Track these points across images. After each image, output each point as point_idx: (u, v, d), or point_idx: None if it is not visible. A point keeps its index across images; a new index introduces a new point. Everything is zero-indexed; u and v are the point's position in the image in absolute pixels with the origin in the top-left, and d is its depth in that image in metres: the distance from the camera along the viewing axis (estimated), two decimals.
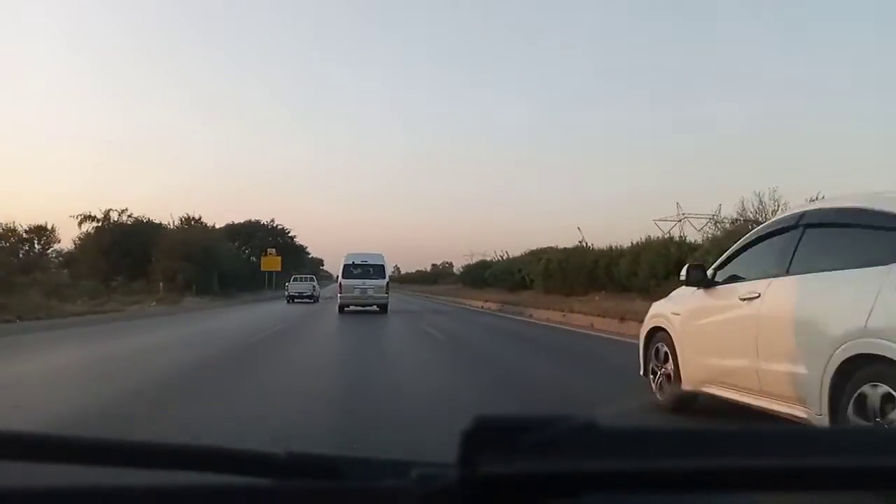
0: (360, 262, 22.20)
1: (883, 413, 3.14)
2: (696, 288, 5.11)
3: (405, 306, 28.25)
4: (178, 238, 41.00)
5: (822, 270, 3.83)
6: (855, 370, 3.33)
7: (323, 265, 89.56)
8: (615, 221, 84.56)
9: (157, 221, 44.08)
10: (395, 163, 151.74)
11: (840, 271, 3.68)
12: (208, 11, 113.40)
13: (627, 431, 0.54)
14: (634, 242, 23.19)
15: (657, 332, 5.58)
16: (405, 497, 0.56)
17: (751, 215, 19.91)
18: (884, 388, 3.15)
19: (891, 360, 3.12)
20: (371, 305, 21.61)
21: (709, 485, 0.56)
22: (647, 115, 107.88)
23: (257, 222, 70.19)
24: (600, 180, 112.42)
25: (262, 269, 55.06)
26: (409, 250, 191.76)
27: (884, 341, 3.17)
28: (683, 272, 5.19)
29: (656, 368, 5.50)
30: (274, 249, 57.19)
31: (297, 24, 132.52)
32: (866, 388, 3.24)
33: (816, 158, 67.07)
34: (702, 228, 24.94)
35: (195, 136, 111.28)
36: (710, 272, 5.02)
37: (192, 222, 48.70)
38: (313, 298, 33.36)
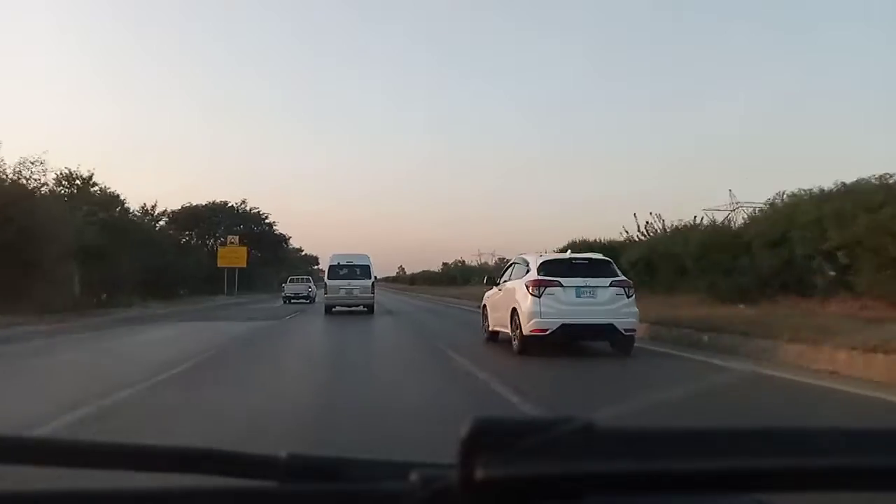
0: (345, 263, 21.99)
1: (518, 321, 9.78)
2: (493, 286, 11.83)
3: None
4: None
5: (513, 280, 10.55)
6: (513, 313, 10.02)
7: (318, 264, 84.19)
8: (616, 217, 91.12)
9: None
10: (396, 164, 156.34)
11: (516, 280, 10.38)
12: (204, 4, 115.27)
13: (626, 432, 0.55)
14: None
15: (484, 306, 12.29)
16: (406, 499, 0.57)
17: None
18: (518, 320, 9.86)
19: (517, 310, 9.80)
20: (357, 306, 21.53)
21: (709, 485, 0.56)
22: (648, 114, 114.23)
23: (224, 204, 55.43)
24: (604, 179, 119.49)
25: (220, 264, 42.63)
26: (413, 251, 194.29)
27: (517, 307, 9.85)
28: (485, 280, 11.98)
29: (483, 323, 12.20)
30: (237, 238, 45.44)
31: (297, 24, 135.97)
32: (514, 319, 9.95)
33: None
34: None
35: (193, 135, 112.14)
36: (497, 280, 11.71)
37: (81, 182, 30.36)
38: (309, 299, 33.36)
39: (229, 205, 55.99)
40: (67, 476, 0.69)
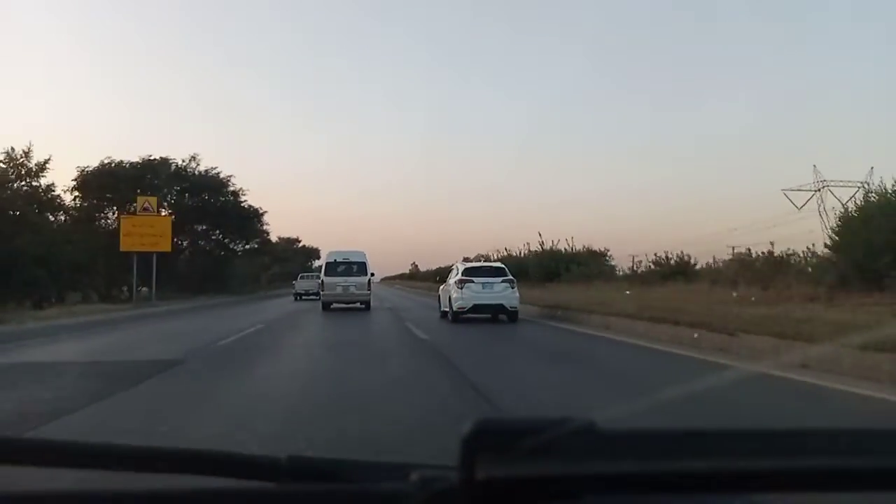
0: (342, 260, 22.27)
1: (451, 303, 16.62)
2: (444, 282, 18.73)
3: None
4: None
5: (451, 278, 17.43)
6: (448, 299, 16.88)
7: (319, 257, 74.58)
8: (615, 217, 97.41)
9: None
10: (401, 161, 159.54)
11: (452, 279, 17.24)
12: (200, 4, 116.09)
13: (626, 433, 0.55)
14: None
15: (438, 296, 19.16)
16: (406, 500, 0.58)
17: None
18: (450, 302, 16.74)
19: (450, 297, 16.65)
20: (355, 303, 21.77)
21: (709, 486, 0.57)
22: (650, 111, 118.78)
23: (164, 161, 35.73)
24: (603, 177, 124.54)
25: (123, 247, 26.20)
26: (424, 247, 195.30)
27: (451, 295, 16.68)
28: (437, 279, 19.00)
29: (439, 306, 19.05)
30: (153, 201, 27.83)
31: (296, 23, 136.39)
32: (449, 302, 16.83)
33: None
34: (851, 199, 17.84)
35: (193, 134, 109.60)
36: (447, 278, 18.57)
37: None
38: (319, 296, 29.61)
39: (170, 161, 35.82)
40: (68, 477, 0.70)
